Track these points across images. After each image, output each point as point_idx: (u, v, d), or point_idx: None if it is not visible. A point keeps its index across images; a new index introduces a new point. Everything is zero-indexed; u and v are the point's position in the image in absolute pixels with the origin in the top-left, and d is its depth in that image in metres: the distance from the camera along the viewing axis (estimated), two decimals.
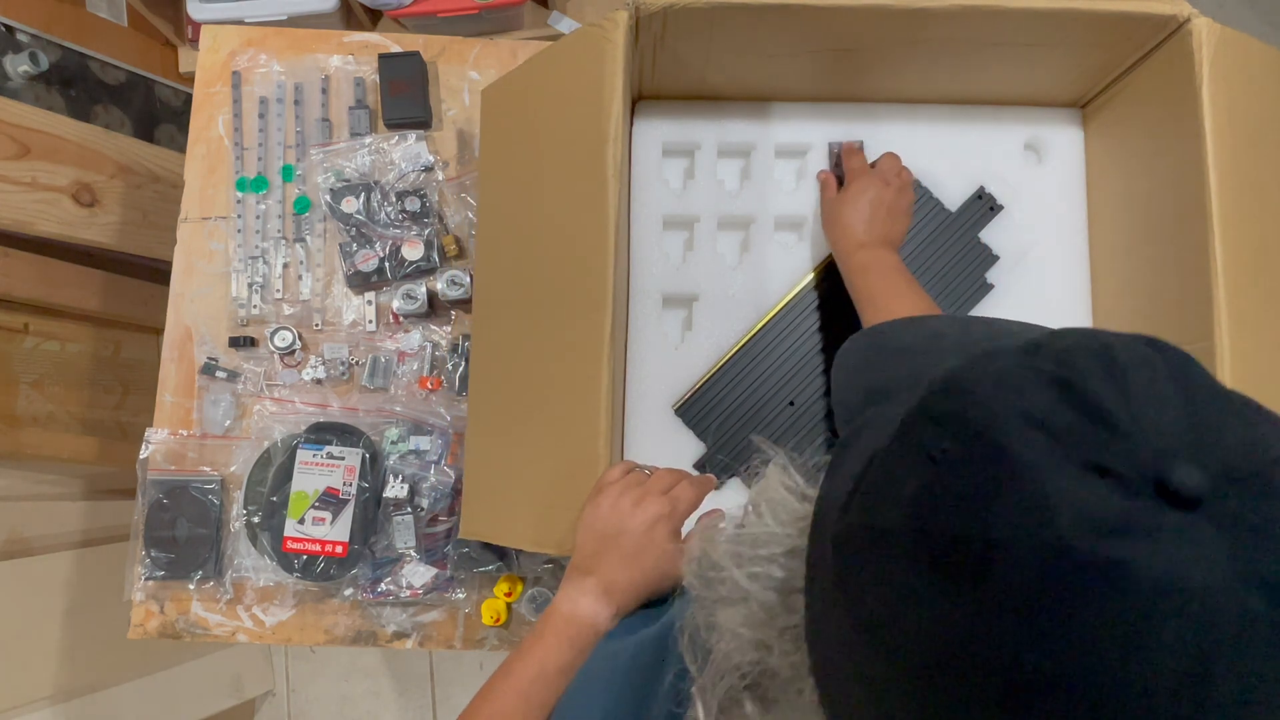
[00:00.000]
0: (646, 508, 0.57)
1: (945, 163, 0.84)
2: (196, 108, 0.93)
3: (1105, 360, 0.27)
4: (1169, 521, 0.23)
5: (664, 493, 0.58)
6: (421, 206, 0.88)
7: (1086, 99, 0.83)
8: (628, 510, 0.57)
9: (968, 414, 0.27)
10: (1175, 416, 0.26)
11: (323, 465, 0.83)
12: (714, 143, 0.84)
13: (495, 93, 0.80)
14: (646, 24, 0.69)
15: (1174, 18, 0.68)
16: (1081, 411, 0.26)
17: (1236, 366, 0.64)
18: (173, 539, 0.84)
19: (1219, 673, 0.22)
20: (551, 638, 0.55)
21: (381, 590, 0.83)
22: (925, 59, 0.76)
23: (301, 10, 1.16)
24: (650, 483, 0.59)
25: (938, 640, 0.26)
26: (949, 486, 0.27)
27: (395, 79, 0.91)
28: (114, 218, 1.15)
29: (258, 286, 0.89)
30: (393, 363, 0.88)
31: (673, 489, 0.59)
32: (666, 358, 0.82)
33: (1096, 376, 0.27)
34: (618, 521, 0.57)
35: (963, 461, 0.27)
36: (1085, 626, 0.23)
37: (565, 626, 0.56)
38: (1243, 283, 0.66)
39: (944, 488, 0.27)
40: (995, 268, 0.83)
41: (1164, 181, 0.72)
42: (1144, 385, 0.27)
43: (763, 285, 0.82)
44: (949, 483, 0.27)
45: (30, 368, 1.12)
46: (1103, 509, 0.24)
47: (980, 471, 0.26)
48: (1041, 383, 0.27)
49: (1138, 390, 0.26)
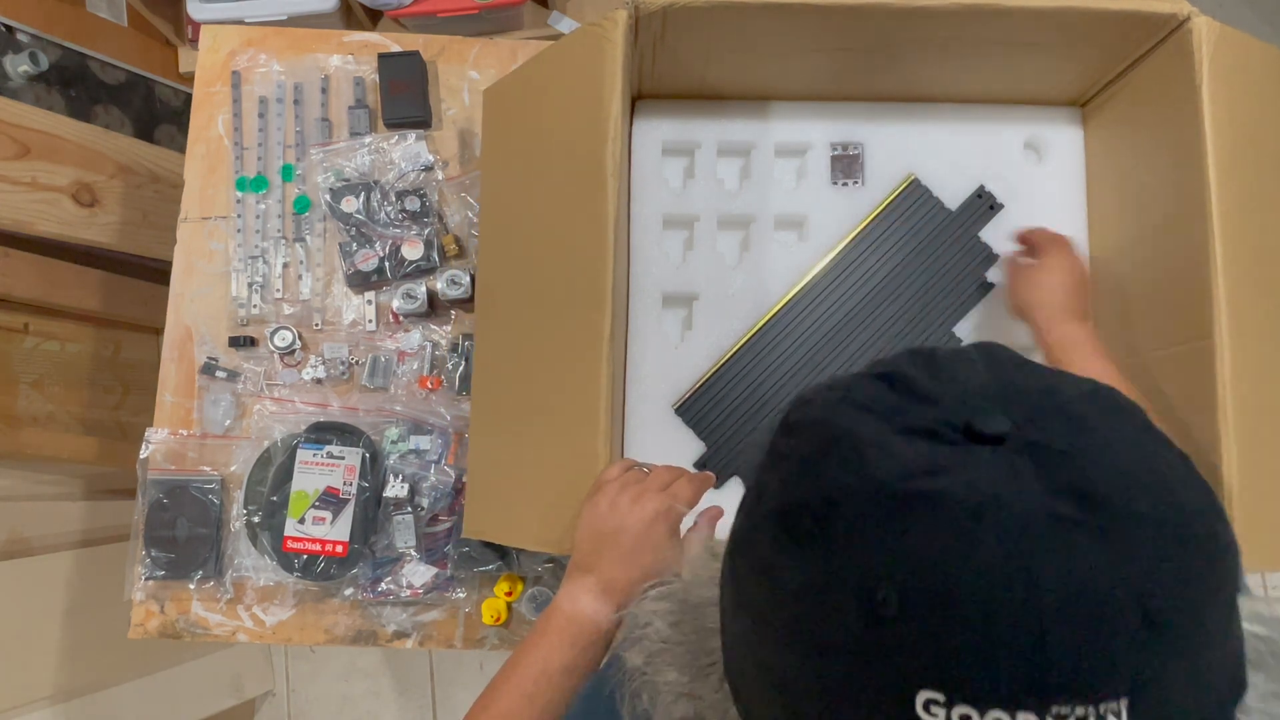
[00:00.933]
0: (644, 505, 0.56)
1: (945, 161, 0.84)
2: (196, 108, 0.93)
3: (925, 356, 0.33)
4: (979, 457, 0.28)
5: (662, 490, 0.58)
6: (421, 206, 0.88)
7: (1086, 98, 0.83)
8: (626, 508, 0.57)
9: (807, 414, 0.33)
10: (982, 382, 0.31)
11: (323, 465, 0.83)
12: (714, 142, 0.84)
13: (497, 93, 0.80)
14: (646, 23, 0.69)
15: (1174, 16, 0.68)
16: (900, 392, 0.31)
17: (1236, 364, 0.64)
18: (173, 539, 0.84)
19: (1040, 567, 0.26)
20: (554, 636, 0.55)
21: (382, 590, 0.83)
22: (925, 58, 0.76)
23: (301, 10, 1.16)
24: (648, 480, 0.59)
25: (803, 598, 0.29)
26: (795, 470, 0.31)
27: (395, 79, 0.91)
28: (114, 218, 1.15)
29: (258, 286, 0.89)
30: (393, 362, 0.88)
31: (670, 486, 0.59)
32: (666, 357, 0.82)
33: (915, 366, 0.32)
34: (616, 519, 0.57)
35: (803, 446, 0.32)
36: (915, 549, 0.27)
37: (567, 625, 0.56)
38: (1242, 281, 0.66)
39: (791, 472, 0.32)
40: (995, 266, 0.83)
41: (1163, 180, 0.72)
42: (954, 365, 0.32)
43: (762, 284, 0.82)
44: (794, 467, 0.32)
45: (30, 368, 1.12)
46: (917, 457, 0.28)
47: (815, 448, 0.31)
48: (867, 380, 0.32)
49: (949, 371, 0.32)
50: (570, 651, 0.55)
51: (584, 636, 0.55)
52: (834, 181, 0.84)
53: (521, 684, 0.54)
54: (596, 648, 0.55)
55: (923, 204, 0.84)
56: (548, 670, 0.54)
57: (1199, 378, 0.66)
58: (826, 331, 0.82)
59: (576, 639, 0.55)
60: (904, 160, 0.84)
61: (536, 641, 0.56)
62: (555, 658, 0.54)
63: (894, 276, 0.82)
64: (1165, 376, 0.71)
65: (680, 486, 0.59)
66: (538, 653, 0.55)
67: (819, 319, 0.82)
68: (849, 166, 0.84)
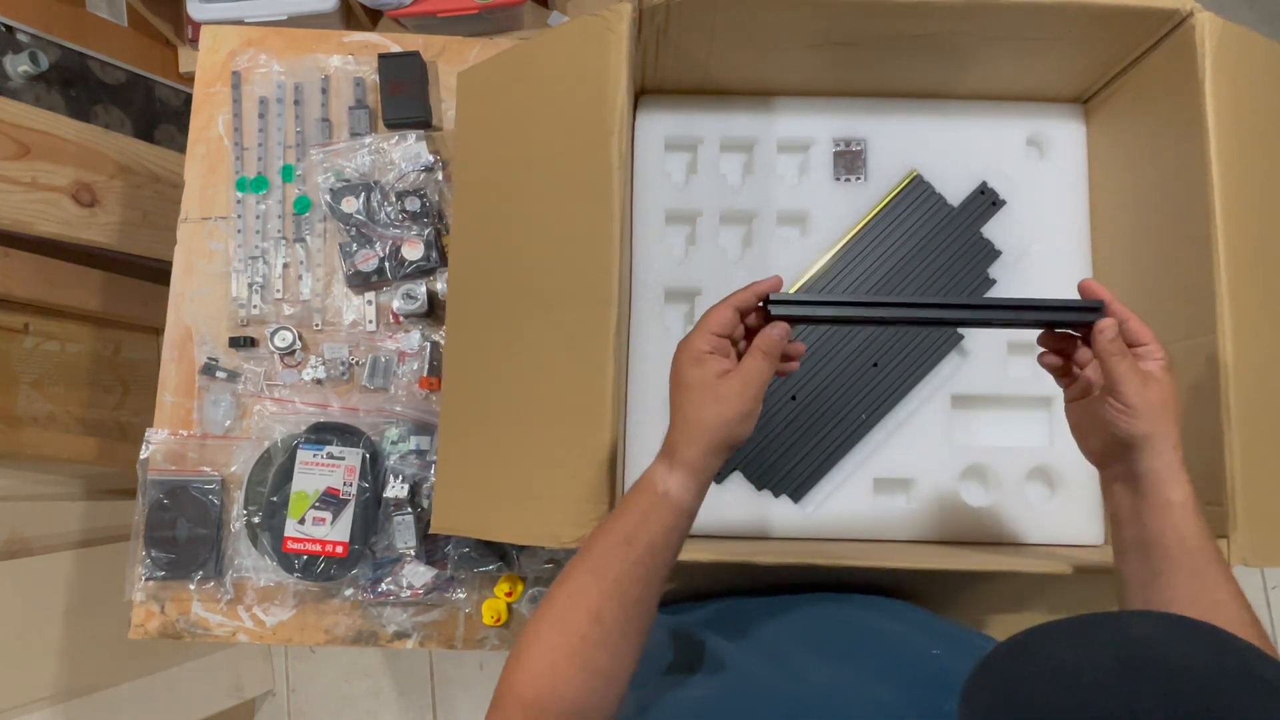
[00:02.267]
0: (686, 343, 0.53)
1: (947, 158, 0.84)
2: (196, 108, 0.93)
3: None
4: None
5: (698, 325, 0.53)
6: (421, 206, 0.88)
7: (1089, 94, 0.83)
8: (677, 365, 0.53)
9: None
10: None
11: (323, 465, 0.83)
12: (717, 137, 0.84)
13: (475, 78, 0.78)
14: (649, 16, 0.68)
15: (1176, 12, 0.67)
16: None
17: (1239, 359, 0.64)
18: (173, 539, 0.84)
19: None
20: (624, 504, 0.53)
21: (382, 590, 0.83)
22: (928, 53, 0.75)
23: (301, 10, 1.16)
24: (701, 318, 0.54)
25: None
26: None
27: (395, 79, 0.91)
28: (114, 218, 1.15)
29: (258, 286, 0.89)
30: (393, 362, 0.87)
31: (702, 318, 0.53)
32: (669, 352, 0.80)
33: None
34: (674, 380, 0.53)
35: None
36: None
37: (635, 492, 0.53)
38: (1245, 277, 0.65)
39: None
40: (997, 263, 0.83)
41: (1166, 176, 0.72)
42: None
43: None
44: None
45: (30, 368, 1.12)
46: None
47: None
48: None
49: None
50: (634, 518, 0.51)
51: (647, 501, 0.52)
52: (836, 177, 0.84)
53: (588, 559, 0.51)
54: (660, 514, 0.51)
55: (925, 200, 0.83)
56: (611, 542, 0.51)
57: (1202, 373, 0.65)
58: (828, 328, 0.81)
59: (639, 503, 0.52)
60: (906, 156, 0.84)
61: (612, 514, 0.53)
62: (620, 527, 0.51)
63: (896, 272, 0.82)
64: None
65: (711, 312, 0.53)
66: (608, 525, 0.52)
67: None
68: (851, 162, 0.84)
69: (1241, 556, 0.62)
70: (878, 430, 0.80)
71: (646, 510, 0.51)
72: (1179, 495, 0.52)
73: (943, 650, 0.55)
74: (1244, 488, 0.63)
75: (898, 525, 0.79)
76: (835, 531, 0.79)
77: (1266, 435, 0.64)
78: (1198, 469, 0.65)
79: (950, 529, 0.79)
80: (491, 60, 0.78)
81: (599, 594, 0.50)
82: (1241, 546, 0.62)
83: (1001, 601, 0.77)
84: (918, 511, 0.79)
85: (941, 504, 0.79)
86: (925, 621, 0.66)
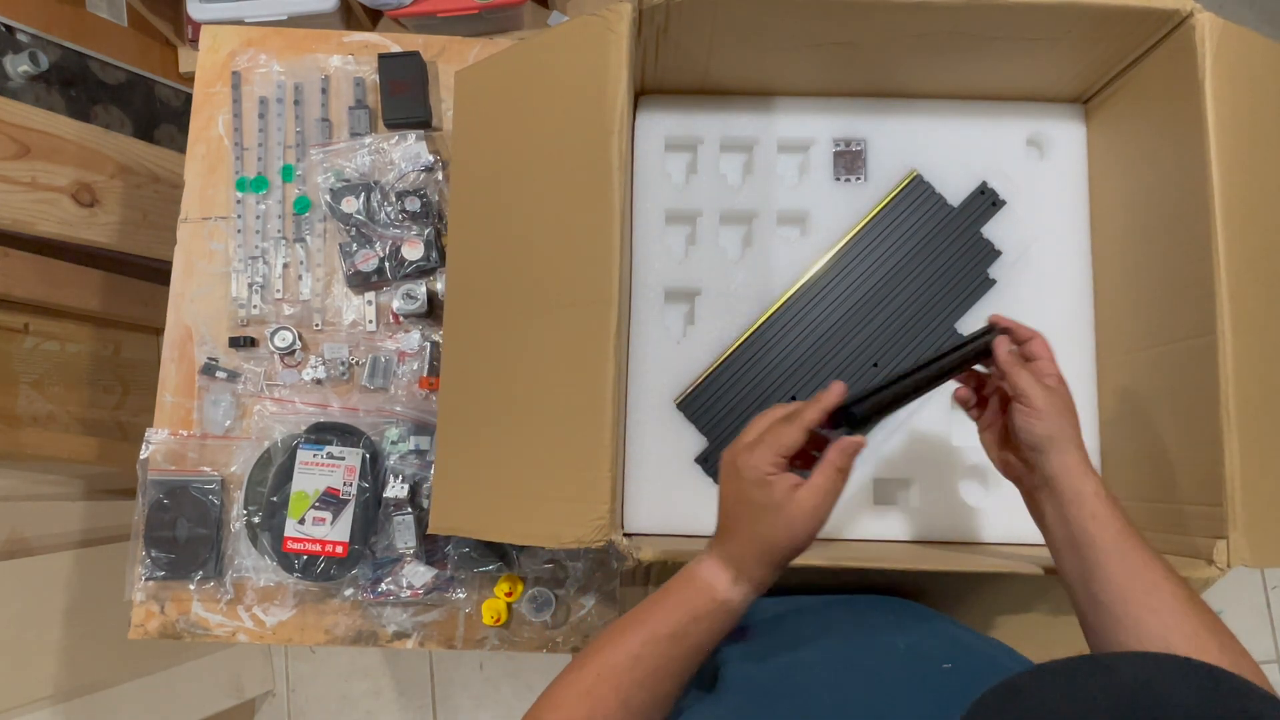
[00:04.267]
0: (748, 461, 0.52)
1: (947, 158, 0.84)
2: (196, 108, 0.93)
3: None
4: None
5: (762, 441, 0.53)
6: (421, 206, 0.88)
7: (1089, 94, 0.83)
8: (741, 468, 0.53)
9: None
10: None
11: (323, 465, 0.83)
12: (717, 137, 0.84)
13: (474, 77, 0.78)
14: (649, 16, 0.68)
15: (1177, 12, 0.67)
16: None
17: (1238, 360, 0.64)
18: (173, 539, 0.84)
19: None
20: (672, 598, 0.53)
21: (382, 590, 0.83)
22: (928, 53, 0.75)
23: (301, 10, 1.16)
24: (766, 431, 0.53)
25: None
26: None
27: (395, 79, 0.90)
28: (114, 218, 1.15)
29: (258, 286, 0.89)
30: (393, 362, 0.87)
31: (766, 433, 0.53)
32: (669, 352, 0.81)
33: None
34: (732, 483, 0.53)
35: None
36: None
37: (684, 587, 0.53)
38: (1245, 277, 0.65)
39: None
40: (997, 263, 0.83)
41: (1166, 176, 0.72)
42: None
43: (765, 280, 0.82)
44: None
45: (30, 368, 1.12)
46: None
47: None
48: None
49: None
50: (683, 616, 0.52)
51: (697, 601, 0.52)
52: (836, 177, 0.84)
53: (631, 644, 0.51)
54: (713, 619, 0.52)
55: (925, 200, 0.83)
56: (656, 634, 0.51)
57: (1201, 373, 0.65)
58: (829, 327, 0.81)
59: (689, 602, 0.52)
60: (906, 156, 0.84)
61: (658, 599, 0.53)
62: (667, 621, 0.52)
63: (896, 273, 0.82)
64: (1168, 372, 0.71)
65: (775, 431, 0.52)
66: (654, 613, 0.52)
67: (821, 315, 0.82)
68: (851, 162, 0.84)
69: (1241, 557, 0.62)
70: (878, 430, 0.80)
71: (700, 614, 0.51)
72: (1090, 486, 0.55)
73: (955, 664, 0.54)
74: (1243, 488, 0.63)
75: (898, 525, 0.79)
76: (835, 531, 0.79)
77: (1266, 436, 0.64)
78: (1197, 469, 0.66)
79: (950, 529, 0.79)
80: (490, 60, 0.77)
81: (631, 682, 0.50)
82: (1240, 547, 0.62)
83: (1006, 603, 0.77)
84: (918, 511, 0.79)
85: (942, 504, 0.79)
86: (937, 628, 0.65)
